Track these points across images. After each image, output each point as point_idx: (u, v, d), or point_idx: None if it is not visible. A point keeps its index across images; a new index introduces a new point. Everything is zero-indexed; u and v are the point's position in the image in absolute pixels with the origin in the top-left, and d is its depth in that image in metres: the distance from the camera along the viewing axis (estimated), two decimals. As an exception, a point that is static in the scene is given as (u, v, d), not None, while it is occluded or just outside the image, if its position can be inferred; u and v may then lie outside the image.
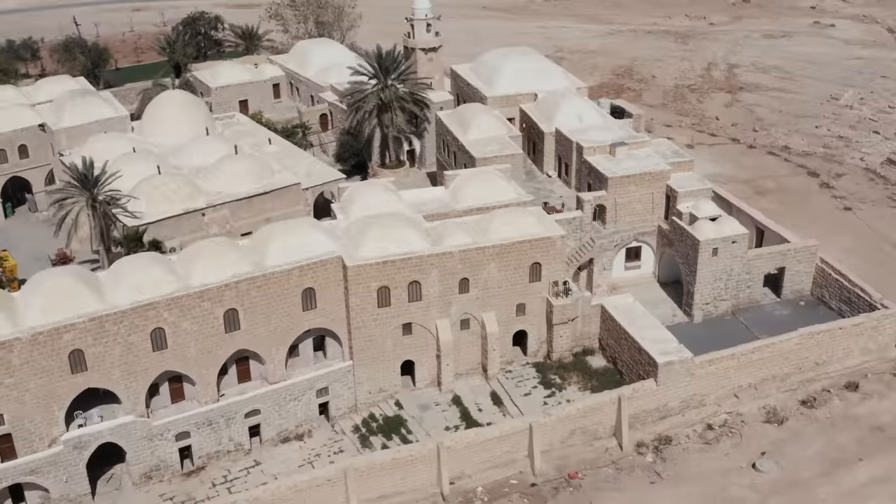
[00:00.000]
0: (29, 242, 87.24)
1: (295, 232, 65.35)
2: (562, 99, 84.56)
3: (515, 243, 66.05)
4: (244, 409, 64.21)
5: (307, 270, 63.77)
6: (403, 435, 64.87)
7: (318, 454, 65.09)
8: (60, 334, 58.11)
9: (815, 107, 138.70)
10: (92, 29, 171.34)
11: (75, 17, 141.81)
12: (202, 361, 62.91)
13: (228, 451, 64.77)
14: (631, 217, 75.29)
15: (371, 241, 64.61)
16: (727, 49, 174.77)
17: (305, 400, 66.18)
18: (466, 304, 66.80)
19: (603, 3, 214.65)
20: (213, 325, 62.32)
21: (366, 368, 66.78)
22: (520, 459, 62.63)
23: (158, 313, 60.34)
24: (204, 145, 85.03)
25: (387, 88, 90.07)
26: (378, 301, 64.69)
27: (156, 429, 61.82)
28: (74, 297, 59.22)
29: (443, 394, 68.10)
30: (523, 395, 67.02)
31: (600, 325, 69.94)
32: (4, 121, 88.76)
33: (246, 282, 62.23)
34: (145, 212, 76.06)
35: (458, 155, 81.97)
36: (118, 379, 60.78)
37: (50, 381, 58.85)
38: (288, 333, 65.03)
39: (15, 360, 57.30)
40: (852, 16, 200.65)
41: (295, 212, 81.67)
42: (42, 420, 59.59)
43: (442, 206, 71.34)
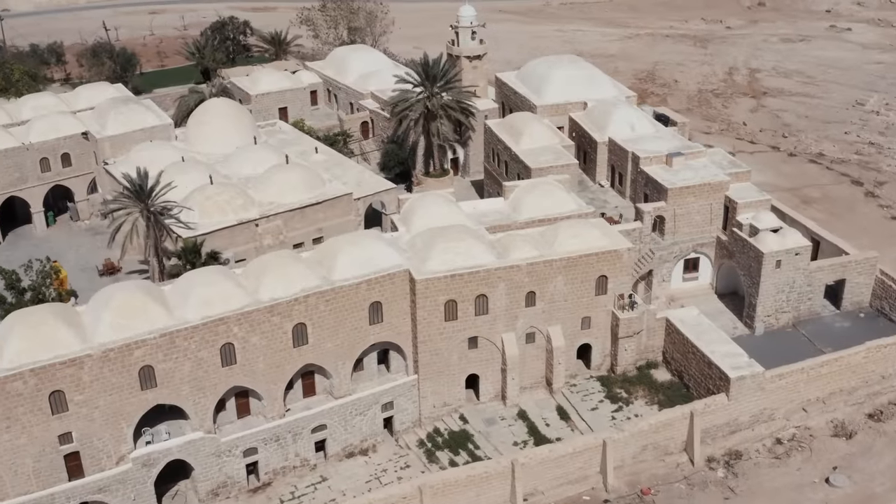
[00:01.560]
0: (73, 252, 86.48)
1: (361, 245, 64.59)
2: (613, 107, 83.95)
3: (582, 256, 65.40)
4: (311, 424, 63.50)
5: (375, 284, 63.04)
6: (471, 450, 64.19)
7: (384, 469, 64.37)
8: (131, 350, 57.31)
9: (841, 112, 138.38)
10: (111, 33, 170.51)
11: (105, 22, 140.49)
12: (270, 376, 62.15)
13: (294, 466, 64.05)
14: (689, 228, 74.71)
15: (438, 255, 63.90)
16: (747, 53, 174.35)
17: (371, 414, 65.47)
18: (532, 318, 66.15)
19: (618, 7, 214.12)
20: (282, 340, 61.57)
21: (431, 382, 66.09)
22: (592, 475, 62.03)
23: (229, 328, 59.57)
24: (252, 154, 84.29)
25: (433, 97, 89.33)
26: (445, 315, 64.01)
27: (224, 445, 61.06)
28: (144, 312, 58.38)
29: (508, 408, 67.42)
30: (590, 409, 66.38)
31: (665, 339, 69.32)
32: (47, 129, 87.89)
33: (315, 296, 61.47)
34: (198, 222, 75.35)
35: (511, 164, 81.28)
36: (187, 395, 59.98)
37: (119, 398, 58.05)
38: (354, 347, 64.30)
39: (85, 377, 56.49)
40: (867, 19, 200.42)
41: (346, 222, 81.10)
42: (110, 437, 58.78)
43: (503, 218, 70.67)
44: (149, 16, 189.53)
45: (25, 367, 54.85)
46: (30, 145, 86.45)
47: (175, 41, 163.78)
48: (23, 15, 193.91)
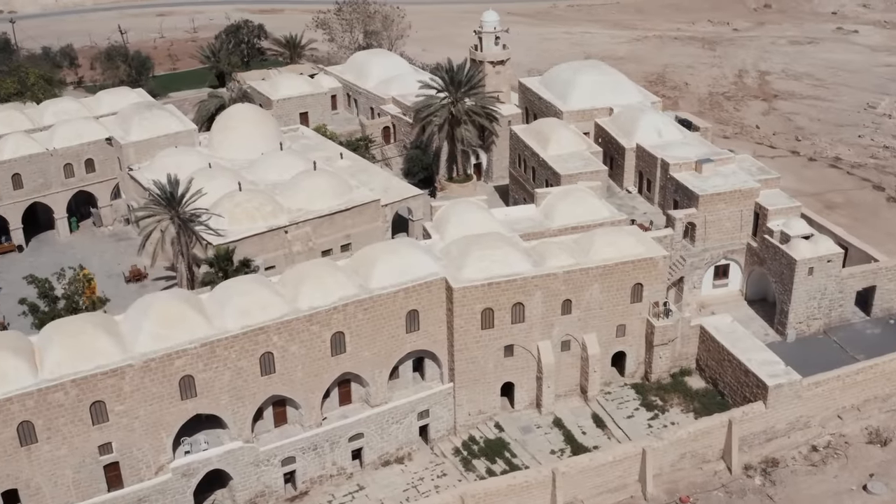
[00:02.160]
0: (97, 258, 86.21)
1: (398, 253, 64.48)
2: (640, 113, 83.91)
3: (619, 264, 65.34)
4: (349, 432, 63.36)
5: (412, 292, 62.93)
6: (507, 458, 64.08)
7: (420, 478, 64.23)
8: (172, 360, 57.14)
9: (852, 115, 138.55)
10: (119, 36, 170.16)
11: (119, 25, 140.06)
12: (308, 385, 62.01)
13: (331, 475, 63.93)
14: (720, 235, 74.71)
15: (474, 262, 63.79)
16: (756, 56, 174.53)
17: (407, 423, 65.36)
18: (568, 326, 66.07)
19: (625, 9, 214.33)
20: (320, 349, 61.43)
21: (466, 390, 65.99)
22: (631, 484, 61.96)
23: (268, 337, 59.42)
24: (279, 160, 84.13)
25: (458, 102, 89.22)
26: (482, 323, 63.91)
27: (262, 454, 60.88)
28: (183, 321, 58.22)
29: (543, 416, 67.30)
30: (626, 417, 66.30)
31: (699, 346, 69.28)
32: (71, 134, 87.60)
33: (353, 304, 61.34)
34: (228, 229, 75.14)
35: (538, 170, 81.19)
36: (226, 404, 59.82)
37: (160, 408, 57.85)
38: (391, 356, 64.18)
39: (126, 387, 56.30)
40: (874, 21, 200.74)
41: (374, 228, 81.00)
42: (150, 447, 58.59)
43: (535, 225, 70.61)
44: (157, 18, 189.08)
45: (67, 377, 54.65)
46: (54, 151, 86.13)
47: (185, 44, 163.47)
48: (29, 17, 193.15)
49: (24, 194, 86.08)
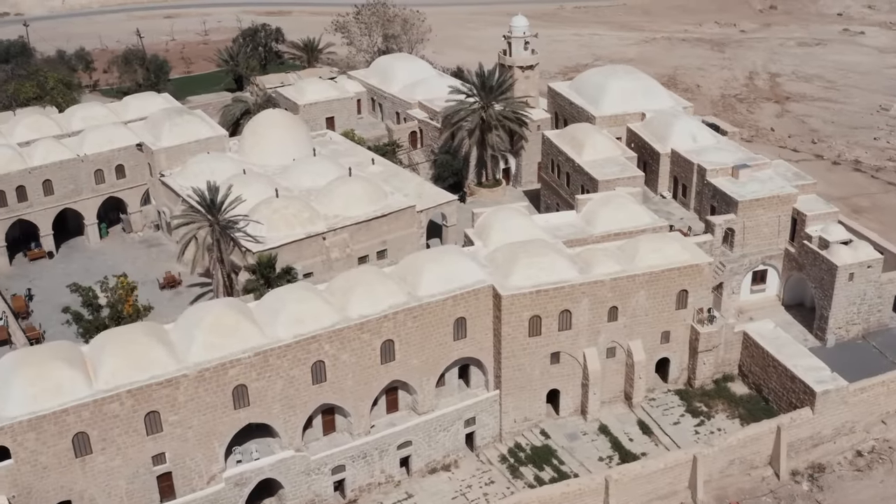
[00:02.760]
0: (129, 265, 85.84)
1: (445, 260, 64.45)
2: (673, 118, 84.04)
3: (665, 271, 65.47)
4: (398, 440, 63.33)
5: (460, 300, 62.93)
6: (555, 465, 64.13)
7: (469, 485, 64.21)
8: (226, 369, 57.00)
9: (865, 118, 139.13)
10: (131, 38, 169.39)
11: (138, 29, 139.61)
12: (358, 393, 61.93)
13: (379, 483, 63.90)
14: (757, 240, 74.91)
15: (521, 270, 63.80)
16: (765, 57, 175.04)
17: (454, 430, 65.38)
18: (614, 333, 66.16)
19: (632, 11, 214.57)
20: (370, 357, 61.37)
21: (512, 398, 66.02)
22: (681, 490, 62.15)
23: (320, 346, 59.33)
24: (312, 166, 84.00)
25: (489, 107, 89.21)
26: (529, 330, 63.95)
27: (313, 463, 60.83)
28: (236, 330, 58.07)
29: (588, 423, 67.36)
30: (672, 423, 66.42)
31: (742, 352, 69.44)
32: (101, 140, 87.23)
33: (403, 312, 61.29)
34: (266, 236, 74.96)
35: (573, 176, 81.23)
36: (278, 413, 59.69)
37: (213, 418, 57.71)
38: (439, 363, 64.17)
39: (181, 397, 56.14)
40: (879, 23, 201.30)
41: (410, 234, 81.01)
42: (203, 457, 58.41)
43: (577, 232, 70.66)
44: (167, 21, 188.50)
45: (122, 388, 54.46)
46: (84, 157, 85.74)
47: (197, 46, 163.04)
48: (36, 19, 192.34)
49: (54, 200, 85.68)
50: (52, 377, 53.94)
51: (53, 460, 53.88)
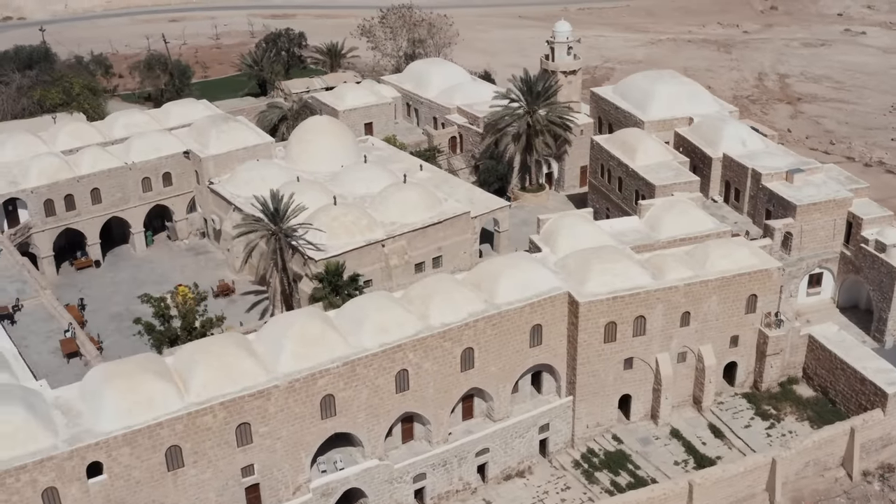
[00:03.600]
0: (178, 273, 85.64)
1: (520, 267, 64.74)
2: (722, 123, 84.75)
3: (736, 276, 66.04)
4: (476, 447, 63.56)
5: (537, 307, 63.27)
6: (631, 470, 64.56)
7: (545, 491, 64.57)
8: (315, 380, 57.02)
9: (879, 118, 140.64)
10: (140, 42, 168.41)
11: (164, 35, 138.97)
12: (438, 401, 62.14)
13: (457, 490, 64.11)
14: (814, 244, 75.72)
15: (596, 276, 64.17)
16: (773, 58, 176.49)
17: (529, 436, 65.67)
18: (686, 338, 66.69)
19: (636, 13, 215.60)
20: (451, 365, 61.59)
21: (586, 403, 66.39)
22: (758, 493, 62.76)
23: (405, 355, 59.48)
24: (363, 173, 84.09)
25: (534, 113, 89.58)
26: (605, 337, 64.33)
27: (397, 472, 60.92)
28: (323, 340, 58.13)
29: (660, 427, 67.83)
30: (743, 427, 67.00)
31: (807, 355, 70.14)
32: (148, 148, 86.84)
33: (483, 320, 61.54)
34: (326, 243, 74.94)
35: (626, 181, 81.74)
36: (362, 422, 59.79)
37: (301, 428, 57.71)
38: (515, 370, 64.50)
39: (271, 408, 56.09)
40: (879, 23, 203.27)
41: (464, 240, 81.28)
42: (290, 468, 58.39)
43: (643, 237, 71.11)
44: (174, 25, 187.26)
45: (215, 400, 54.30)
46: (132, 165, 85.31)
47: (211, 51, 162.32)
48: (38, 23, 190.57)
49: (102, 209, 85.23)
50: (145, 390, 53.71)
51: (146, 475, 53.63)
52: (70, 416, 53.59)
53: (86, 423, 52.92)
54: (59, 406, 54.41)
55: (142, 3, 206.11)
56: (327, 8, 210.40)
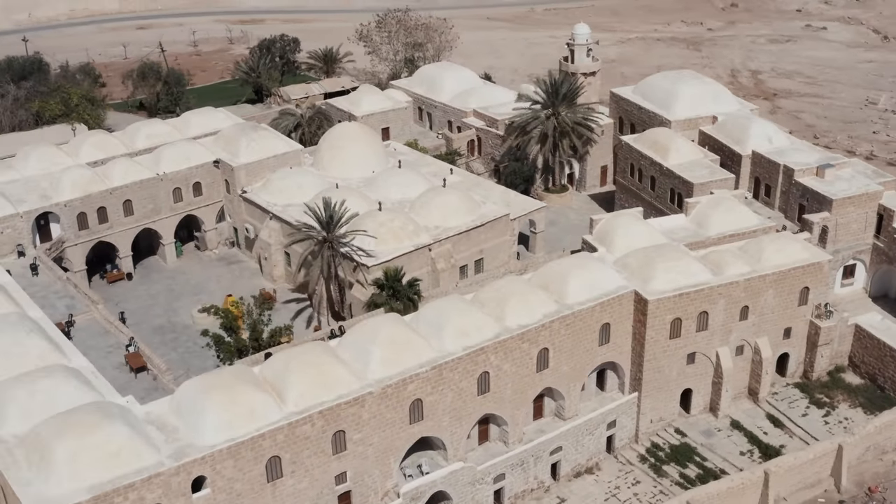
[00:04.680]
0: (214, 283, 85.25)
1: (586, 268, 65.99)
2: (748, 121, 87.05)
3: (791, 269, 68.11)
4: (551, 446, 64.55)
5: (607, 306, 64.55)
6: (698, 462, 66.16)
7: (616, 486, 65.77)
8: (406, 385, 57.54)
9: (856, 112, 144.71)
10: (117, 50, 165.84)
11: (160, 43, 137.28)
12: (515, 402, 63.07)
13: (532, 489, 65.01)
14: (847, 236, 78.20)
15: (660, 274, 65.65)
16: (742, 55, 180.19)
17: (597, 433, 66.87)
18: (744, 331, 68.53)
19: (601, 12, 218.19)
20: (528, 366, 62.56)
21: (651, 399, 67.83)
22: (824, 479, 64.85)
23: (487, 357, 60.29)
24: (398, 178, 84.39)
25: (559, 115, 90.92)
26: (670, 333, 65.84)
27: (479, 473, 61.62)
28: (410, 346, 58.67)
29: (720, 419, 69.55)
30: (801, 415, 69.09)
31: (853, 344, 72.52)
32: (178, 158, 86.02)
33: (558, 321, 62.61)
34: (375, 249, 75.25)
35: (660, 180, 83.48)
36: (446, 426, 60.45)
37: (391, 434, 58.17)
38: (585, 369, 65.72)
39: (365, 414, 56.44)
40: (837, 18, 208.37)
41: (503, 242, 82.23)
42: (379, 474, 58.80)
43: (692, 235, 72.74)
44: (142, 32, 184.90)
45: (313, 409, 54.47)
46: (164, 175, 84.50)
47: (190, 58, 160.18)
48: (2, 34, 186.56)
49: (134, 221, 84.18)
50: (245, 402, 53.67)
51: (247, 486, 53.58)
52: (166, 432, 53.26)
53: (185, 437, 52.66)
54: (151, 422, 54.03)
55: (106, 10, 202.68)
56: (296, 13, 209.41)
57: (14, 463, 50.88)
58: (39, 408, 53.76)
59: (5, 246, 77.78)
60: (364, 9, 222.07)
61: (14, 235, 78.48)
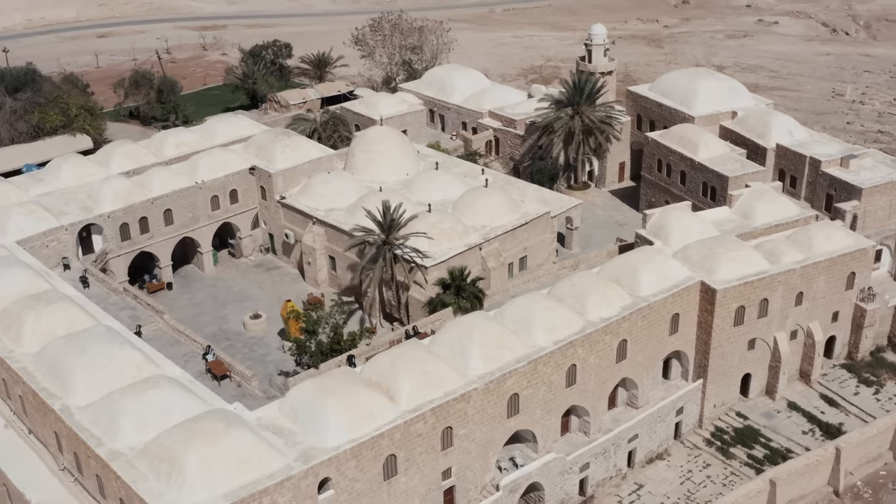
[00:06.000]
0: (257, 289, 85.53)
1: (654, 261, 68.24)
2: (769, 115, 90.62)
3: (840, 256, 71.49)
4: (629, 434, 66.72)
5: (677, 297, 67.00)
6: (764, 443, 69.03)
7: (689, 470, 68.18)
8: (505, 380, 59.09)
9: (825, 104, 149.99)
10: (88, 59, 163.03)
11: (158, 51, 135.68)
12: (597, 393, 65.09)
13: (611, 476, 67.07)
14: (875, 223, 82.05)
15: (724, 265, 68.31)
16: (704, 51, 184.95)
17: (668, 420, 69.27)
18: (798, 316, 71.66)
19: (558, 11, 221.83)
20: (609, 357, 64.63)
21: (715, 385, 70.49)
22: (884, 453, 68.37)
23: (575, 350, 62.16)
24: (438, 180, 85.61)
25: (582, 114, 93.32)
26: (734, 320, 68.60)
27: (568, 463, 63.48)
28: (504, 342, 60.23)
29: (777, 402, 72.59)
30: (853, 394, 72.52)
31: (892, 324, 76.32)
32: (214, 166, 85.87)
33: (636, 313, 64.82)
34: (429, 250, 76.47)
35: (691, 174, 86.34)
36: (538, 418, 62.17)
37: (491, 428, 59.67)
38: (657, 358, 68.08)
39: (470, 410, 57.84)
40: (787, 12, 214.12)
41: (545, 240, 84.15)
42: (479, 468, 60.25)
43: (739, 226, 75.63)
44: (103, 40, 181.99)
45: (426, 407, 55.68)
46: (202, 184, 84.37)
47: (166, 65, 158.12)
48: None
49: (174, 230, 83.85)
50: (362, 403, 54.58)
51: (366, 486, 54.55)
52: (283, 436, 53.89)
53: (306, 440, 53.34)
54: (265, 427, 54.58)
55: (63, 19, 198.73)
56: (258, 18, 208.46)
57: (140, 475, 50.91)
58: (153, 419, 53.87)
59: (51, 259, 76.71)
60: (325, 12, 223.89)
61: (59, 248, 77.57)
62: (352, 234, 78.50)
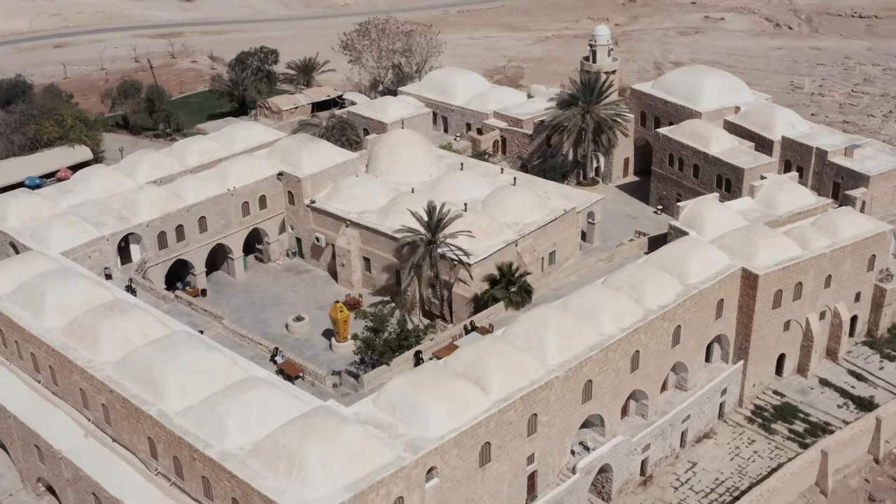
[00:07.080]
0: (291, 293, 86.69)
1: (699, 250, 71.81)
2: (772, 109, 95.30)
3: (864, 240, 76.14)
4: (683, 415, 70.20)
5: (723, 283, 70.71)
6: (803, 418, 73.20)
7: (736, 447, 71.91)
8: (582, 367, 61.93)
9: (786, 97, 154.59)
10: (57, 70, 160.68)
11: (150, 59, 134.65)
12: (655, 377, 68.36)
13: (666, 456, 70.44)
14: (880, 209, 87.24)
15: (762, 251, 72.26)
16: (660, 48, 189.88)
17: (714, 401, 72.97)
18: (827, 298, 76.04)
19: (511, 12, 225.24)
20: (665, 342, 67.96)
21: (754, 365, 74.44)
22: (915, 422, 73.26)
23: (639, 337, 65.33)
24: (465, 180, 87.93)
25: (592, 113, 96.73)
26: (773, 303, 72.64)
27: (633, 445, 66.66)
28: (578, 331, 63.07)
29: (809, 379, 76.87)
30: (879, 369, 77.23)
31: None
32: (244, 172, 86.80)
33: (690, 299, 68.30)
34: (468, 248, 78.82)
35: (704, 167, 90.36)
36: (607, 403, 65.17)
37: (568, 414, 62.45)
38: (704, 342, 71.70)
39: (552, 397, 60.53)
40: (732, 8, 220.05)
41: (571, 234, 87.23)
42: (558, 452, 62.98)
43: (764, 215, 79.75)
44: (60, 50, 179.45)
45: (515, 396, 58.18)
46: (234, 190, 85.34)
47: (138, 74, 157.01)
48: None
49: (208, 237, 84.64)
50: (459, 394, 56.86)
51: (465, 474, 56.84)
52: (384, 429, 55.84)
53: (408, 432, 55.35)
54: (364, 421, 56.45)
55: (16, 30, 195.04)
56: (213, 24, 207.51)
57: (256, 474, 52.30)
58: (256, 419, 55.36)
59: (93, 270, 76.66)
60: (278, 17, 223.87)
61: (101, 259, 77.84)
62: (389, 235, 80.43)
